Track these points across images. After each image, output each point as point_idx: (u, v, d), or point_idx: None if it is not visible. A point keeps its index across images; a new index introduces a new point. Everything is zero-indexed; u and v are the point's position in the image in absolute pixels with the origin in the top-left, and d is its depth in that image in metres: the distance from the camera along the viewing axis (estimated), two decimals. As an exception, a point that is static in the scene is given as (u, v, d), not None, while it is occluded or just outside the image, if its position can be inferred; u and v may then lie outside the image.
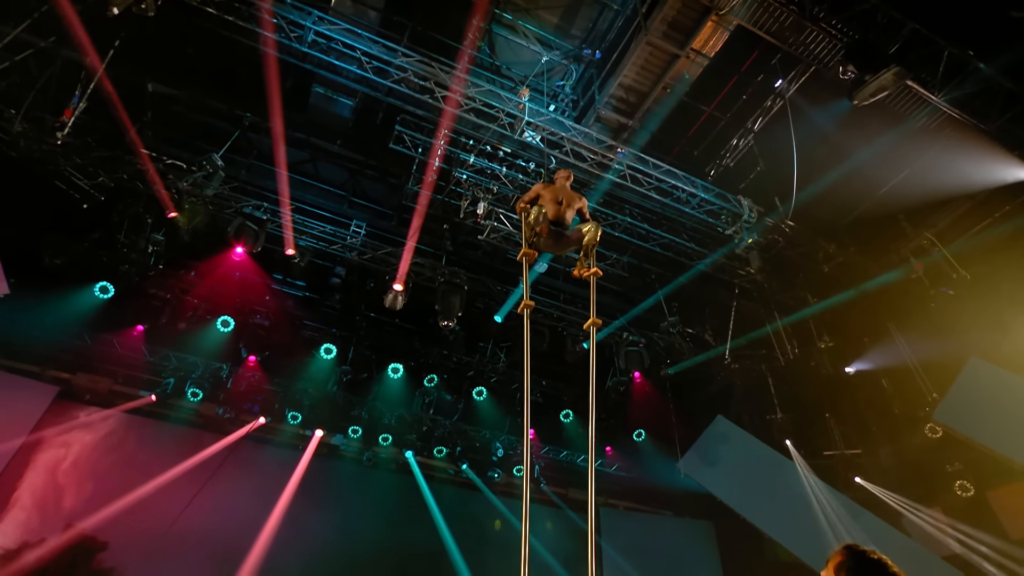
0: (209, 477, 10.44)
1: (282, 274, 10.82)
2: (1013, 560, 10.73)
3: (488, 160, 9.71)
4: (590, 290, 5.49)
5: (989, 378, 9.70)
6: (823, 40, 7.71)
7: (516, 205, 5.97)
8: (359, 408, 11.83)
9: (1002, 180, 8.47)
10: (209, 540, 9.63)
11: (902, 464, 10.73)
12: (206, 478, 10.42)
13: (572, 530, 13.38)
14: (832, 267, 10.38)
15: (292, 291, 11.17)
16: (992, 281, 10.19)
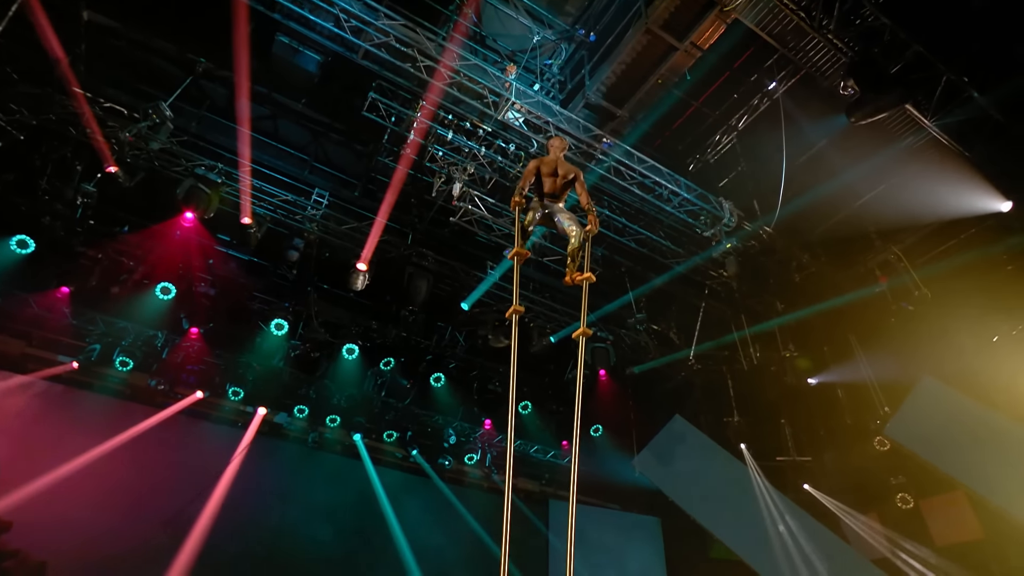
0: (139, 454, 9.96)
1: (232, 240, 10.22)
2: (934, 566, 11.68)
3: (466, 138, 9.39)
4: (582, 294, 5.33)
5: (940, 397, 10.32)
6: (825, 50, 7.75)
7: (512, 199, 5.67)
8: (307, 387, 11.50)
9: (975, 207, 8.86)
10: (141, 523, 9.21)
11: (849, 473, 11.38)
12: (136, 455, 9.92)
13: (519, 518, 13.64)
14: (803, 277, 10.69)
15: (240, 255, 10.52)
16: (951, 302, 10.75)
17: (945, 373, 10.59)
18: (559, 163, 5.38)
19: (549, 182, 5.35)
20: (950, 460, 10.89)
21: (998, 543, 11.11)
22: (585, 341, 4.89)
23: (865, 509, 12.17)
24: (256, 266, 10.36)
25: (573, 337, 5.23)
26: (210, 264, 9.72)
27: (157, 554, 9.15)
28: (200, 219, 8.37)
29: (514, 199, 5.30)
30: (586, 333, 5.07)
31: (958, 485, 11.21)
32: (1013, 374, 10.49)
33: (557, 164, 5.38)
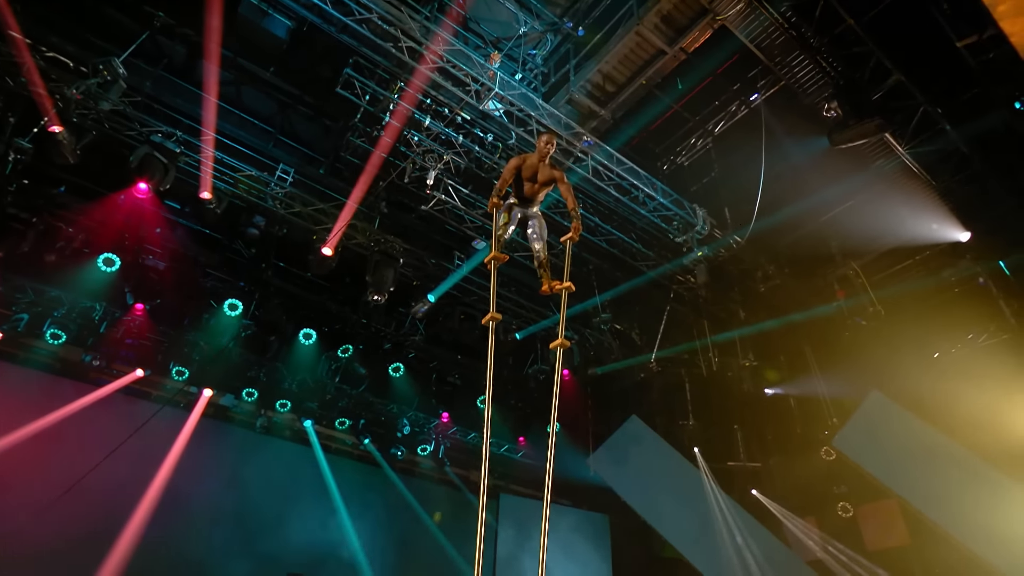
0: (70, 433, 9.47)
1: (185, 209, 9.74)
2: (864, 569, 12.46)
3: (444, 124, 9.22)
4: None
5: (885, 412, 10.94)
6: (810, 68, 7.97)
7: (489, 200, 5.52)
8: (257, 369, 11.18)
9: (935, 234, 9.36)
10: (75, 511, 8.78)
11: (795, 480, 11.96)
12: (67, 434, 9.44)
13: (469, 510, 13.75)
14: (768, 288, 11.06)
15: (194, 226, 10.01)
16: (901, 320, 11.38)
17: (891, 388, 11.22)
18: (541, 165, 5.11)
19: (527, 186, 5.11)
20: (887, 471, 11.60)
21: (923, 550, 11.91)
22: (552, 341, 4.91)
23: (805, 514, 12.86)
24: (210, 240, 9.93)
25: (551, 347, 5.21)
26: (160, 236, 9.24)
27: (92, 542, 8.76)
28: (155, 191, 7.92)
29: (492, 200, 5.13)
30: (564, 344, 5.05)
31: (891, 494, 11.94)
32: (950, 391, 11.19)
33: (539, 166, 5.11)
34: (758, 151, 10.48)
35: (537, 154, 5.11)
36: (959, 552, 10.99)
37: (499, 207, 5.22)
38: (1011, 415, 10.59)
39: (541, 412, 12.78)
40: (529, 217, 5.41)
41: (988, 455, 10.95)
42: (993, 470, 10.90)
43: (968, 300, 10.99)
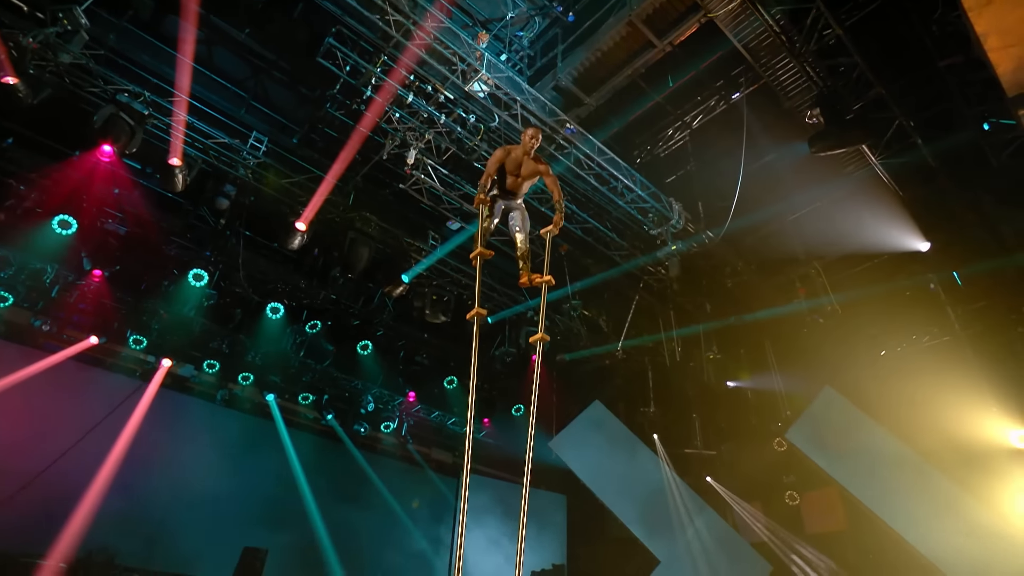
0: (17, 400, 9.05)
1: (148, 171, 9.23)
2: (802, 552, 13.16)
3: (426, 102, 9.00)
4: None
5: (836, 408, 11.46)
6: (795, 72, 8.04)
7: (475, 198, 5.40)
8: (219, 340, 10.89)
9: (897, 242, 9.72)
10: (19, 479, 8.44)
11: (747, 469, 12.46)
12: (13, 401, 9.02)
13: (429, 487, 13.89)
14: (735, 284, 11.32)
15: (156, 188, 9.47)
16: (856, 320, 11.87)
17: (843, 385, 11.75)
18: (526, 159, 5.10)
19: (511, 179, 5.13)
20: (831, 461, 12.21)
21: (858, 534, 12.62)
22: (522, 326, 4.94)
23: (752, 499, 13.46)
24: (175, 205, 9.49)
25: (531, 341, 5.22)
26: (121, 199, 8.78)
27: (47, 513, 8.46)
28: (120, 154, 7.50)
29: (478, 197, 5.08)
30: (544, 339, 5.08)
31: (833, 483, 12.59)
32: (894, 389, 11.80)
33: (524, 159, 5.11)
34: (733, 148, 10.59)
35: (521, 148, 5.08)
36: (891, 538, 11.67)
37: (485, 203, 5.17)
38: (945, 414, 11.21)
39: (506, 394, 12.92)
40: (512, 209, 5.41)
41: (924, 451, 11.62)
42: (927, 465, 11.58)
43: (917, 304, 11.53)
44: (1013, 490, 10.69)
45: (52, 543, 8.40)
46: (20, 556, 8.14)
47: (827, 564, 12.81)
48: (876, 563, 12.10)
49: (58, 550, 8.37)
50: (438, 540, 13.40)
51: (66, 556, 8.54)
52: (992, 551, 10.68)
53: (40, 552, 8.29)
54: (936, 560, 11.19)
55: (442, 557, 13.32)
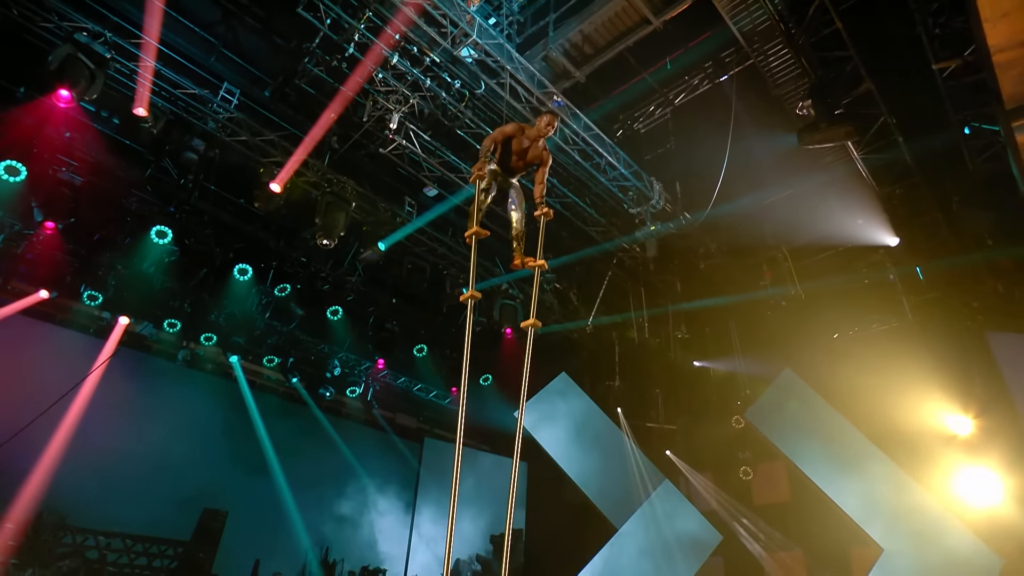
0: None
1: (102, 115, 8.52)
2: (749, 520, 13.79)
3: (411, 64, 8.56)
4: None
5: (795, 391, 11.85)
6: (788, 60, 7.95)
7: (472, 170, 5.22)
8: (181, 299, 10.38)
9: (868, 236, 9.92)
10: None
11: (705, 443, 12.86)
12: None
13: (394, 451, 13.90)
14: (707, 266, 11.43)
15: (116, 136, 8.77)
16: (817, 307, 12.19)
17: (801, 366, 12.14)
18: (534, 144, 5.00)
19: (515, 159, 5.04)
20: (782, 437, 12.72)
21: (800, 505, 13.22)
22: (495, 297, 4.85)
23: (705, 471, 13.97)
24: (135, 154, 8.82)
25: (522, 326, 5.13)
26: (77, 145, 8.12)
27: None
28: (79, 100, 6.87)
29: (475, 171, 4.94)
30: (536, 324, 4.99)
31: (781, 456, 13.14)
32: (846, 372, 12.26)
33: (533, 144, 5.01)
34: (713, 129, 10.56)
35: (536, 131, 4.95)
36: (832, 511, 12.25)
37: (483, 177, 5.04)
38: (891, 398, 11.69)
39: (475, 363, 12.83)
40: (508, 187, 5.32)
41: (869, 431, 12.17)
42: (871, 445, 12.16)
43: (874, 292, 11.91)
44: (946, 472, 11.29)
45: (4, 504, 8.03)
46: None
47: (771, 533, 13.46)
48: (817, 533, 12.70)
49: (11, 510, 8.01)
50: (401, 502, 13.46)
51: (17, 517, 8.21)
52: (924, 528, 11.38)
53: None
54: (873, 533, 11.86)
55: (404, 519, 13.42)
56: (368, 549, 12.53)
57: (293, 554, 11.48)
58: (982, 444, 10.93)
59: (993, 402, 10.89)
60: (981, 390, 11.00)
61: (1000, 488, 10.55)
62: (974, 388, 11.04)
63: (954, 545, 11.04)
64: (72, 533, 8.88)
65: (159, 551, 9.84)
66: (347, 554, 12.21)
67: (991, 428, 10.89)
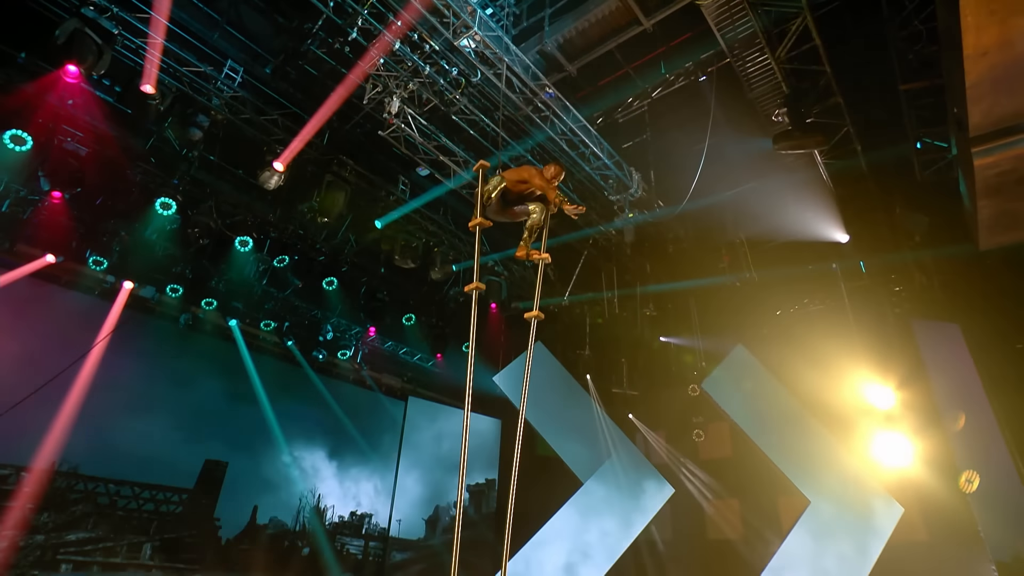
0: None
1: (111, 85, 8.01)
2: (694, 472, 14.44)
3: (411, 50, 8.25)
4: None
5: (746, 365, 12.29)
6: (766, 68, 7.94)
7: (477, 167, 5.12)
8: (183, 265, 10.05)
9: (820, 231, 10.18)
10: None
11: (663, 407, 13.31)
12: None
13: (379, 409, 13.96)
14: (675, 250, 11.59)
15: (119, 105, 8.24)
16: (767, 290, 12.56)
17: (751, 342, 12.58)
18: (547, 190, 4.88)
19: (513, 198, 4.95)
20: (731, 403, 13.26)
21: (740, 460, 13.86)
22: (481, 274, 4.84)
23: (659, 429, 14.51)
24: (140, 127, 8.36)
25: (525, 317, 5.13)
26: (82, 116, 7.63)
27: (21, 430, 7.84)
28: (87, 76, 6.43)
29: (481, 163, 4.92)
30: (538, 316, 4.99)
31: (726, 418, 13.72)
32: (787, 346, 12.76)
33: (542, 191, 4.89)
34: (687, 123, 10.57)
35: (546, 178, 4.81)
36: (768, 467, 12.92)
37: (485, 167, 4.98)
38: (821, 370, 12.25)
39: (458, 332, 12.90)
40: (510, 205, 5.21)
41: (803, 398, 12.78)
42: (803, 411, 12.78)
43: (817, 279, 12.32)
44: (866, 437, 11.95)
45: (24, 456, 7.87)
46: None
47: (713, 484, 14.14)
48: (753, 485, 13.39)
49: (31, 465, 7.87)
50: (386, 454, 13.60)
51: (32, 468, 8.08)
52: (844, 483, 12.12)
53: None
54: (801, 486, 12.57)
55: (389, 469, 13.59)
56: (356, 496, 12.69)
57: (288, 501, 11.55)
58: (898, 414, 11.59)
59: (911, 378, 11.49)
60: (901, 367, 11.60)
61: (911, 451, 11.26)
62: (895, 365, 11.62)
63: (867, 498, 11.84)
64: (84, 481, 8.74)
65: (165, 497, 9.77)
66: (337, 501, 12.35)
67: (907, 400, 11.51)
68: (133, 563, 9.12)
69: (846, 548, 11.50)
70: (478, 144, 9.66)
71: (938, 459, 10.87)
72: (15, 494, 7.84)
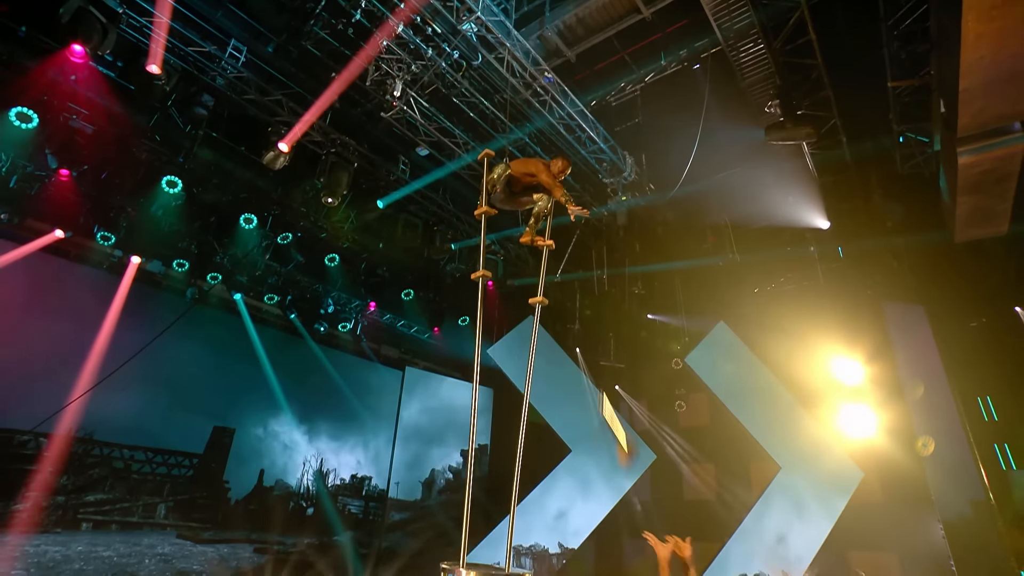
0: None
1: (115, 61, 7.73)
2: (673, 439, 14.86)
3: (414, 33, 8.06)
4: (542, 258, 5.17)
5: (726, 341, 12.54)
6: (761, 58, 7.90)
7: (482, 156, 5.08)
8: (188, 240, 9.92)
9: (803, 217, 10.30)
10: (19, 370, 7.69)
11: (647, 380, 13.59)
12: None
13: (378, 378, 14.09)
14: (664, 232, 11.67)
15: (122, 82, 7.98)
16: (748, 269, 12.76)
17: (732, 319, 12.83)
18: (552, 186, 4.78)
19: (519, 188, 4.86)
20: (711, 376, 13.60)
21: (716, 428, 14.28)
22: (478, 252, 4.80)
23: (641, 398, 14.86)
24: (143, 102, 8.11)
25: (530, 302, 5.13)
26: (88, 94, 7.40)
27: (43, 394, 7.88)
28: (93, 56, 6.21)
29: (486, 151, 4.88)
30: (542, 302, 4.99)
31: (705, 389, 14.08)
32: (763, 321, 13.06)
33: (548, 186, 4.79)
34: (678, 108, 10.53)
35: (553, 173, 4.75)
36: (742, 435, 13.33)
37: (490, 156, 4.94)
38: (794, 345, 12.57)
39: (454, 306, 12.97)
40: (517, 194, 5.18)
41: (777, 371, 13.14)
42: (777, 383, 13.14)
43: (795, 260, 12.55)
44: (833, 408, 12.37)
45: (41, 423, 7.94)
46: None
47: (691, 450, 14.58)
48: (728, 452, 13.82)
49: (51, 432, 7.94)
50: (384, 421, 13.79)
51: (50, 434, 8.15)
52: (812, 451, 12.57)
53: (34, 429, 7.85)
54: (773, 453, 13.01)
55: (388, 435, 13.80)
56: (356, 460, 12.93)
57: (293, 464, 11.75)
58: (865, 387, 12.00)
59: (877, 354, 11.86)
60: (869, 344, 11.95)
61: (875, 422, 11.71)
62: (864, 343, 11.96)
63: (833, 465, 12.32)
64: (99, 446, 8.82)
65: (176, 461, 9.91)
66: (338, 464, 12.59)
67: (873, 375, 11.91)
68: (149, 522, 9.30)
69: (812, 510, 12.03)
70: (477, 126, 9.56)
71: (899, 429, 11.33)
72: (36, 459, 7.91)
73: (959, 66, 4.02)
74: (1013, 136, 4.93)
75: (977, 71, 4.10)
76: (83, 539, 8.42)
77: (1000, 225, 6.57)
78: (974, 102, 4.45)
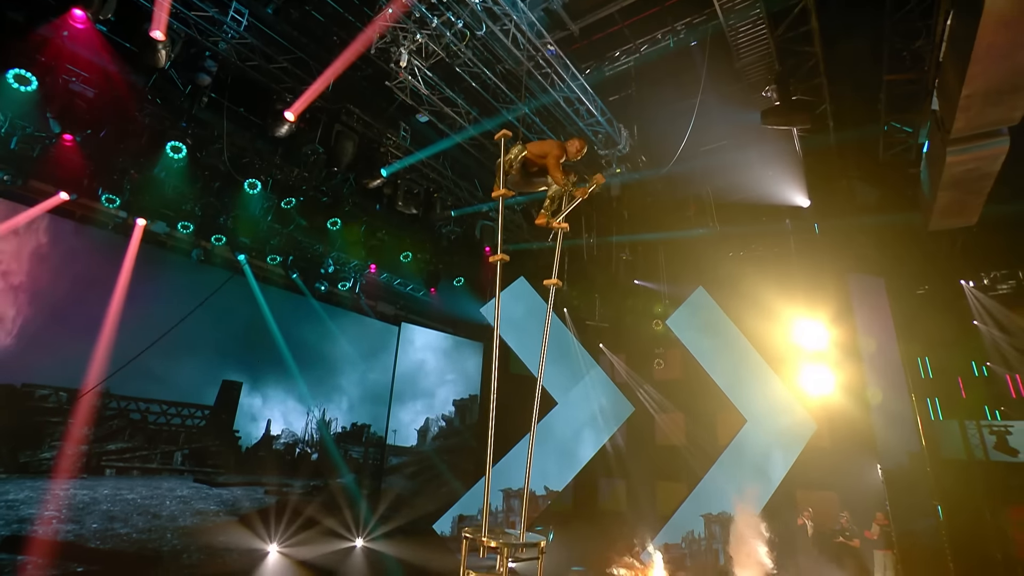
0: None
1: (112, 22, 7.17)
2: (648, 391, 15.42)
3: (418, 2, 7.61)
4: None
5: (704, 305, 12.82)
6: (760, 39, 7.68)
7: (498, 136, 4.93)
8: (192, 203, 9.59)
9: (784, 194, 10.34)
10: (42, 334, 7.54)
11: (630, 339, 13.90)
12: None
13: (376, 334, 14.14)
14: (652, 202, 11.63)
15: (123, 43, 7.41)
16: (730, 240, 12.89)
17: (713, 289, 13.08)
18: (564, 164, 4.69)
19: (535, 169, 4.81)
20: (687, 335, 14.00)
21: (688, 381, 14.88)
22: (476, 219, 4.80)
23: (620, 353, 15.28)
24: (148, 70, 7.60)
25: (544, 284, 5.13)
26: (87, 56, 6.89)
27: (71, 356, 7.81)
28: (94, 20, 5.75)
29: (503, 132, 4.79)
30: (556, 284, 5.00)
31: (680, 346, 14.52)
32: (736, 286, 13.35)
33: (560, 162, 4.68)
34: (671, 81, 10.30)
35: (569, 154, 4.64)
36: (712, 388, 13.92)
37: (507, 136, 4.85)
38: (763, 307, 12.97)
39: (449, 267, 12.91)
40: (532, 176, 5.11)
41: (747, 331, 13.59)
42: (745, 342, 13.62)
43: (770, 234, 12.71)
44: (794, 368, 12.92)
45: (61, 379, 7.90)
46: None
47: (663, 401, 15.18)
48: (696, 403, 14.48)
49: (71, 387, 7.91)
50: (382, 373, 13.96)
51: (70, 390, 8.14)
52: (775, 405, 13.21)
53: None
54: (739, 406, 13.65)
55: (384, 386, 14.00)
56: (356, 411, 13.17)
57: (297, 415, 11.93)
58: (825, 350, 12.51)
59: (838, 320, 12.33)
60: (833, 311, 12.37)
61: (832, 381, 12.29)
62: (828, 309, 12.37)
63: (792, 420, 12.99)
64: (116, 400, 8.82)
65: (189, 413, 10.00)
66: (339, 414, 12.81)
67: (834, 339, 12.41)
68: (167, 468, 9.47)
69: (772, 458, 12.75)
70: (479, 96, 9.23)
71: (853, 386, 11.94)
72: (58, 412, 7.91)
73: (965, 73, 3.99)
74: (1001, 139, 4.98)
75: (981, 80, 4.08)
76: (108, 484, 8.57)
77: (971, 217, 6.73)
78: (972, 108, 4.45)
